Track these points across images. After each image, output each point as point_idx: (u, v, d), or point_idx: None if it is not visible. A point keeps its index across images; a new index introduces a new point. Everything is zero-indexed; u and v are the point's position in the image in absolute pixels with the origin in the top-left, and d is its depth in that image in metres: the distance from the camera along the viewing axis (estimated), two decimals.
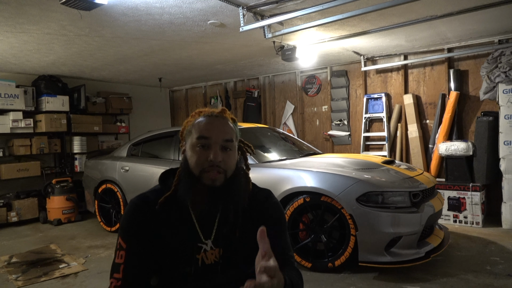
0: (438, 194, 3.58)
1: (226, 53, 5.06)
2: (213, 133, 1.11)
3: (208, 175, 1.10)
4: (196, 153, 1.11)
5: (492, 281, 2.88)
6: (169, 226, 1.13)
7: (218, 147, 1.11)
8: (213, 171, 1.09)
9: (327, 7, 3.06)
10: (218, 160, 1.09)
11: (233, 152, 1.15)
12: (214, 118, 1.15)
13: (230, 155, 1.13)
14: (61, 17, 3.37)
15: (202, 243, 1.14)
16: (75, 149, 6.21)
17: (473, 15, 3.69)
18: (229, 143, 1.13)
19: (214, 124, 1.13)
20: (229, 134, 1.14)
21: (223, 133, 1.12)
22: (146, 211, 1.14)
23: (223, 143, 1.12)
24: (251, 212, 1.20)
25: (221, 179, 1.11)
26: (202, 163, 1.10)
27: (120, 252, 1.12)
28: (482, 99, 4.64)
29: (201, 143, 1.11)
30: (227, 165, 1.12)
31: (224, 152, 1.12)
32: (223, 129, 1.13)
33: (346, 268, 3.12)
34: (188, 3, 3.15)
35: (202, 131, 1.12)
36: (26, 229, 5.23)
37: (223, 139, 1.12)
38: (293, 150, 4.29)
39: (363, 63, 5.62)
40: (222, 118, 1.16)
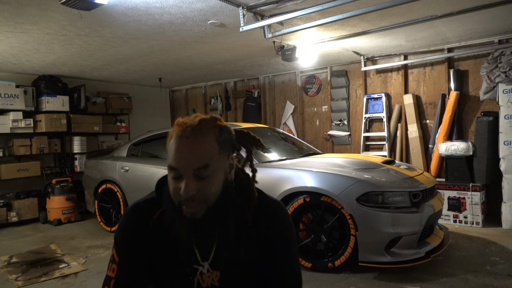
0: (438, 194, 3.58)
1: (226, 53, 5.06)
2: (180, 163, 0.95)
3: (186, 209, 0.97)
4: (171, 183, 0.99)
5: (492, 281, 2.88)
6: (165, 243, 1.04)
7: (190, 177, 0.95)
8: (189, 204, 0.96)
9: (327, 7, 3.06)
10: (190, 194, 0.94)
11: (213, 175, 0.97)
12: (184, 140, 0.96)
13: (208, 182, 0.96)
14: (61, 17, 3.37)
15: (199, 264, 1.05)
16: (75, 149, 6.21)
17: (473, 15, 3.69)
18: (203, 170, 0.95)
19: (182, 150, 0.95)
20: (201, 160, 0.95)
21: (193, 162, 0.94)
22: (141, 224, 1.06)
23: (195, 173, 0.95)
24: (257, 228, 1.07)
25: (201, 211, 0.97)
26: (177, 196, 0.97)
27: (112, 265, 1.07)
28: (482, 99, 4.64)
29: (172, 175, 0.98)
30: (205, 195, 0.96)
31: (199, 181, 0.95)
32: (193, 156, 0.95)
33: (346, 268, 3.12)
34: (188, 3, 3.15)
35: (170, 161, 0.97)
36: (26, 229, 5.23)
37: (193, 168, 0.94)
38: (293, 150, 4.29)
39: (363, 63, 5.62)
40: (196, 137, 0.95)
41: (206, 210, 0.97)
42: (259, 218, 1.08)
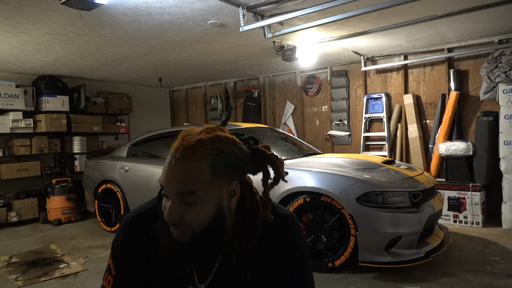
0: (438, 194, 3.58)
1: (226, 53, 5.06)
2: (165, 183, 0.89)
3: (172, 229, 0.90)
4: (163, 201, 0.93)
5: (492, 281, 2.88)
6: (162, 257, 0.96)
7: (175, 201, 0.88)
8: (172, 228, 0.90)
9: (327, 7, 3.06)
10: (171, 219, 0.87)
11: (201, 204, 0.88)
12: (174, 160, 0.87)
13: (192, 210, 0.87)
14: (61, 17, 3.37)
15: (194, 286, 0.97)
16: (75, 149, 6.21)
17: (473, 15, 3.69)
18: (188, 196, 0.86)
19: (170, 171, 0.88)
20: (185, 186, 0.86)
21: (176, 185, 0.87)
22: (140, 237, 1.00)
23: (180, 197, 0.87)
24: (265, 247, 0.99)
25: (186, 236, 0.89)
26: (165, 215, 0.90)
27: (108, 276, 1.04)
28: (482, 99, 4.64)
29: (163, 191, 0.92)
30: (190, 222, 0.88)
31: (184, 206, 0.87)
32: (178, 179, 0.86)
33: (346, 268, 3.12)
34: (188, 3, 3.15)
35: (160, 179, 0.91)
36: (26, 229, 5.22)
37: (176, 191, 0.87)
38: (293, 150, 4.29)
39: (363, 63, 5.62)
40: (185, 159, 0.86)
41: (192, 236, 0.89)
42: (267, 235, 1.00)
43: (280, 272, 1.02)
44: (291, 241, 1.03)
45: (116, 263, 1.03)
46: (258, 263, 0.99)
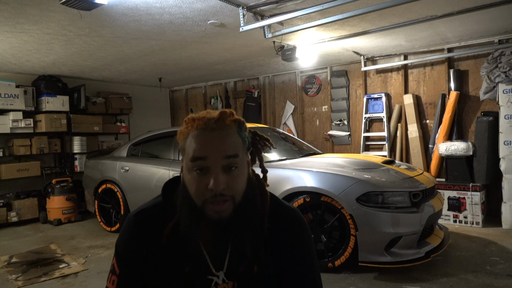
0: (438, 194, 3.58)
1: (226, 53, 5.06)
2: (210, 151, 0.88)
3: (212, 207, 0.89)
4: (194, 180, 0.90)
5: (492, 281, 2.88)
6: (173, 255, 0.96)
7: (219, 169, 0.88)
8: (217, 201, 0.88)
9: (327, 7, 3.06)
10: (220, 188, 0.87)
11: (241, 169, 0.92)
12: (209, 132, 0.90)
13: (236, 176, 0.90)
14: (61, 17, 3.37)
15: (213, 275, 0.97)
16: (75, 149, 6.21)
17: (473, 15, 3.69)
18: (233, 160, 0.90)
19: (210, 140, 0.89)
20: (231, 148, 0.90)
21: (223, 149, 0.89)
22: (145, 235, 0.98)
23: (225, 162, 0.89)
24: (271, 238, 0.99)
25: (228, 210, 0.90)
26: (203, 193, 0.89)
27: (112, 276, 1.00)
28: (482, 99, 4.64)
29: (197, 166, 0.89)
30: (234, 189, 0.90)
31: (228, 174, 0.89)
32: (223, 143, 0.90)
33: (346, 268, 3.12)
34: (188, 3, 3.15)
35: (196, 151, 0.89)
36: (26, 229, 5.23)
37: (224, 155, 0.89)
38: (293, 150, 4.29)
39: (363, 63, 5.62)
40: (221, 128, 0.91)
41: (234, 209, 0.90)
42: (274, 228, 1.00)
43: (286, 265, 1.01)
44: (296, 235, 1.03)
45: (120, 262, 1.00)
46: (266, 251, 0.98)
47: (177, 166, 4.11)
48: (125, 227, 1.02)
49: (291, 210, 1.06)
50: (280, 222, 1.01)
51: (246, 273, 0.97)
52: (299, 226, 1.04)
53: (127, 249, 0.99)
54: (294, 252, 1.02)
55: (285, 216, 1.03)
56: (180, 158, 4.29)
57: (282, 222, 1.02)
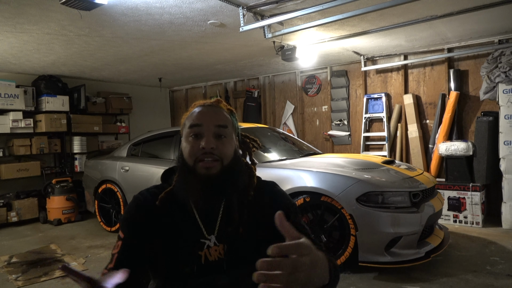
0: (438, 194, 3.58)
1: (226, 53, 5.06)
2: (204, 120, 1.08)
3: (202, 164, 1.05)
4: (189, 143, 1.08)
5: (492, 281, 2.88)
6: (170, 222, 1.10)
7: (211, 135, 1.07)
8: (207, 159, 1.05)
9: (327, 7, 3.06)
10: (210, 147, 1.04)
11: (229, 139, 1.10)
12: (207, 107, 1.13)
13: (224, 142, 1.08)
14: (61, 17, 3.37)
15: (205, 238, 1.09)
16: (75, 149, 6.21)
17: (473, 15, 3.69)
18: (223, 129, 1.09)
19: (206, 112, 1.11)
20: (222, 120, 1.10)
21: (215, 119, 1.09)
22: (148, 205, 1.12)
23: (216, 130, 1.07)
24: (256, 206, 1.14)
25: (216, 167, 1.05)
26: (196, 152, 1.06)
27: (117, 242, 1.11)
28: (482, 99, 4.64)
29: (193, 132, 1.08)
30: (222, 152, 1.07)
31: (218, 140, 1.07)
32: (216, 115, 1.11)
33: (346, 268, 3.12)
34: (188, 3, 3.15)
35: (194, 120, 1.10)
36: (26, 229, 5.23)
37: (215, 124, 1.08)
38: (293, 150, 4.29)
39: (363, 63, 5.62)
40: (216, 107, 1.14)
41: (221, 168, 1.06)
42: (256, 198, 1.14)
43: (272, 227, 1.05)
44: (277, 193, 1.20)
45: (124, 228, 1.12)
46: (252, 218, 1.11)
47: None
48: (131, 203, 1.16)
49: (270, 182, 1.24)
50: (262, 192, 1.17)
51: (233, 236, 1.09)
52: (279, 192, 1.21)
53: (132, 216, 1.12)
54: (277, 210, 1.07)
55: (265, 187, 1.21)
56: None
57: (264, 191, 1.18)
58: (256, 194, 1.15)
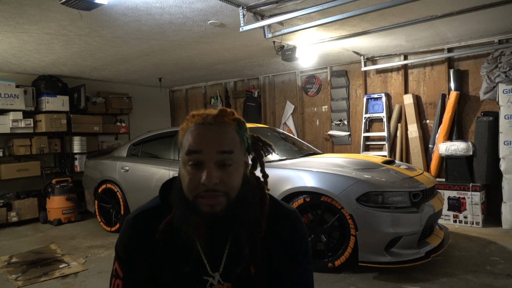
0: (438, 194, 3.58)
1: (226, 53, 5.06)
2: (204, 145, 0.88)
3: (204, 201, 0.88)
4: (188, 174, 0.89)
5: (492, 281, 2.88)
6: (171, 254, 0.97)
7: (213, 164, 0.88)
8: (209, 196, 0.88)
9: (327, 7, 3.06)
10: (213, 183, 0.87)
11: (236, 167, 0.91)
12: (207, 126, 0.91)
13: (231, 172, 0.90)
14: (61, 17, 3.37)
15: (209, 276, 0.97)
16: (75, 149, 6.21)
17: (473, 15, 3.69)
18: (228, 156, 0.89)
19: (206, 134, 0.90)
20: (227, 144, 0.90)
21: (218, 144, 0.89)
22: (144, 235, 0.97)
23: (219, 157, 0.88)
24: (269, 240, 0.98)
25: (221, 204, 0.89)
26: (196, 187, 0.88)
27: (116, 280, 1.00)
28: (482, 99, 4.64)
29: (191, 160, 0.89)
30: (228, 185, 0.89)
31: (222, 170, 0.89)
32: (219, 139, 0.90)
33: (346, 268, 3.12)
34: (188, 3, 3.15)
35: (191, 145, 0.89)
36: (26, 229, 5.23)
37: (218, 150, 0.88)
38: (293, 150, 4.29)
39: (363, 63, 5.62)
40: (218, 125, 0.92)
41: (227, 203, 0.89)
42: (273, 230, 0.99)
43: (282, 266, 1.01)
44: (294, 237, 1.02)
45: (123, 265, 1.00)
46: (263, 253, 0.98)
47: (177, 166, 4.10)
48: (123, 230, 1.02)
49: (290, 212, 1.05)
50: (279, 224, 1.01)
51: (242, 275, 0.96)
52: (298, 229, 1.04)
53: (128, 252, 0.99)
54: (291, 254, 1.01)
55: (284, 218, 1.03)
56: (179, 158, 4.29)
57: (281, 224, 1.01)
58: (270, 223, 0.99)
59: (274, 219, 1.00)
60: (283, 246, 1.00)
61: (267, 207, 0.99)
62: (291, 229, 1.02)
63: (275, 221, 1.00)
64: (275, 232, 1.00)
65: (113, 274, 1.02)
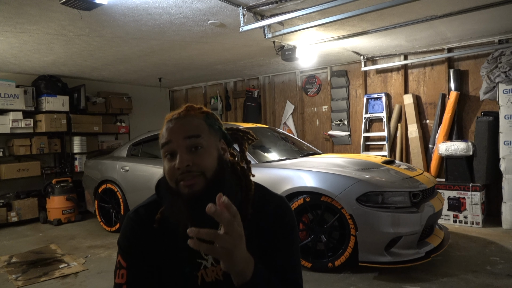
0: (438, 194, 3.58)
1: (226, 53, 5.06)
2: (172, 135, 0.98)
3: (184, 183, 0.95)
4: (166, 165, 0.99)
5: (492, 281, 2.88)
6: (167, 242, 1.03)
7: (184, 149, 0.97)
8: (186, 177, 0.95)
9: (327, 7, 3.06)
10: (185, 165, 0.94)
11: (206, 149, 0.99)
12: (174, 121, 1.01)
13: (201, 154, 0.97)
14: (61, 17, 3.37)
15: (202, 258, 1.04)
16: (75, 149, 6.21)
17: (473, 15, 3.69)
18: (195, 140, 0.98)
19: (174, 127, 1.00)
20: (192, 129, 0.99)
21: (184, 131, 0.98)
22: (143, 227, 1.05)
23: (188, 142, 0.97)
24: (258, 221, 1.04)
25: (199, 183, 0.95)
26: (174, 173, 0.96)
27: (120, 271, 1.04)
28: (482, 99, 4.64)
29: (166, 152, 0.99)
30: (201, 166, 0.96)
31: (193, 153, 0.97)
32: (184, 126, 0.99)
33: (346, 268, 3.12)
34: (188, 3, 3.15)
35: (163, 138, 1.01)
36: (26, 229, 5.23)
37: (185, 136, 0.97)
38: (293, 150, 4.29)
39: (363, 63, 5.62)
40: (184, 117, 1.02)
41: (206, 183, 0.96)
42: (261, 211, 1.06)
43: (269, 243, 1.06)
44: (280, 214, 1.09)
45: (125, 255, 1.05)
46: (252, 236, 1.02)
47: None
48: (125, 225, 1.09)
49: (277, 196, 1.13)
50: (266, 205, 1.08)
51: None
52: (284, 208, 1.11)
53: (130, 243, 1.06)
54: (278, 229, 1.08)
55: (271, 200, 1.11)
56: None
57: (268, 205, 1.08)
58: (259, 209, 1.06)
59: (261, 203, 1.07)
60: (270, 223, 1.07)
61: (252, 192, 1.06)
62: (276, 207, 1.10)
63: (262, 204, 1.08)
64: (263, 213, 1.06)
65: (117, 267, 1.06)
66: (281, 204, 1.12)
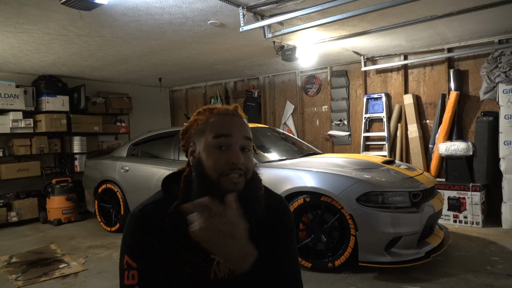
0: (438, 194, 3.58)
1: (226, 53, 5.07)
2: (233, 130, 1.02)
3: (229, 179, 0.99)
4: (214, 155, 1.00)
5: (492, 281, 2.88)
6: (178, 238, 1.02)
7: (238, 147, 1.01)
8: (234, 174, 0.99)
9: (327, 7, 3.06)
10: (241, 162, 0.99)
11: (251, 152, 1.06)
12: (231, 116, 1.05)
13: (249, 156, 1.04)
14: (61, 17, 3.37)
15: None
16: (75, 149, 6.22)
17: (473, 15, 3.69)
18: (249, 142, 1.04)
19: (233, 121, 1.04)
20: (248, 132, 1.05)
21: (244, 131, 1.03)
22: (153, 224, 1.03)
23: (243, 142, 1.02)
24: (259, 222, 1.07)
25: (242, 183, 1.01)
26: (222, 167, 0.99)
27: (130, 272, 1.02)
28: (482, 99, 4.64)
29: (219, 143, 1.00)
30: (248, 167, 1.02)
31: (243, 153, 1.02)
32: (243, 126, 1.05)
33: (346, 268, 3.12)
34: (188, 3, 3.15)
35: (222, 129, 1.02)
36: (26, 229, 5.23)
37: (244, 136, 1.03)
38: (293, 150, 4.29)
39: (363, 63, 5.62)
40: (239, 116, 1.07)
41: (245, 183, 1.02)
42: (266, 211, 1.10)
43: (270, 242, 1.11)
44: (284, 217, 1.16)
45: (134, 255, 1.02)
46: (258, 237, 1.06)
47: (177, 166, 4.10)
48: (130, 223, 1.06)
49: (277, 196, 1.19)
50: (267, 206, 1.11)
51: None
52: (285, 210, 1.18)
53: (137, 241, 1.03)
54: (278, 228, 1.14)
55: (272, 200, 1.15)
56: (179, 158, 4.30)
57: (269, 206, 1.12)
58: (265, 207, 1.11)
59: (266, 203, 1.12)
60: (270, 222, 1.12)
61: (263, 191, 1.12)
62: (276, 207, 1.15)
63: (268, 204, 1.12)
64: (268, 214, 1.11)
65: (124, 268, 1.03)
66: (280, 204, 1.17)
